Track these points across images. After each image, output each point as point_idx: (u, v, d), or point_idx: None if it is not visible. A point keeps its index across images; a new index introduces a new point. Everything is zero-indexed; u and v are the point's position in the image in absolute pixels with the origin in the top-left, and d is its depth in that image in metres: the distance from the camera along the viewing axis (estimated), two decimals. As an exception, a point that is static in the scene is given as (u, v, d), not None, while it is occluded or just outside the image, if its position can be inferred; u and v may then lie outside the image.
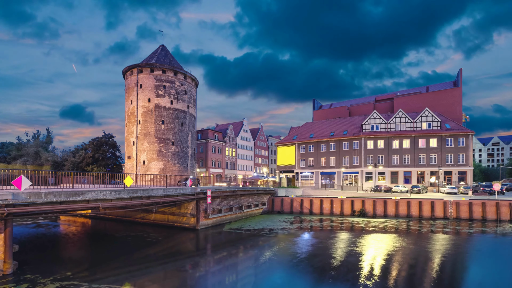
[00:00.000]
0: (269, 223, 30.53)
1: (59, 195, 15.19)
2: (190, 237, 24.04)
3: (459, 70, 54.13)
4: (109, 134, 55.87)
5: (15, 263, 14.29)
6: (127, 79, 43.81)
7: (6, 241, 13.66)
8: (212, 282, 14.30)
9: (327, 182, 56.42)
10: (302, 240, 23.62)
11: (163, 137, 41.55)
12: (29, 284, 12.67)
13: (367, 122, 53.53)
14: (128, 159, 42.73)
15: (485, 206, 31.17)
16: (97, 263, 16.57)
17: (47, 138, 64.32)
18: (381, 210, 34.52)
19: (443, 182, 47.34)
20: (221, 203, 30.09)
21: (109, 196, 18.04)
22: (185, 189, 25.38)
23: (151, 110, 41.21)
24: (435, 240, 22.67)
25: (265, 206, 38.67)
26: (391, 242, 21.92)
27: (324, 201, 37.11)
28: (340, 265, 16.27)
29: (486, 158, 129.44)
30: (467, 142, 47.13)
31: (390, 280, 13.87)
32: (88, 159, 51.60)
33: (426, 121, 50.10)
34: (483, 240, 23.39)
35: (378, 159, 51.48)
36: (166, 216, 28.68)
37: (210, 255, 19.92)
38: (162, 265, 16.44)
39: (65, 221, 32.86)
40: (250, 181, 68.09)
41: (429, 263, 16.85)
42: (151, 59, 43.99)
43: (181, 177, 37.87)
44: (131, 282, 13.59)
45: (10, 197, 13.01)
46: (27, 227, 28.54)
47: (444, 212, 32.32)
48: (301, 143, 60.32)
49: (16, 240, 20.69)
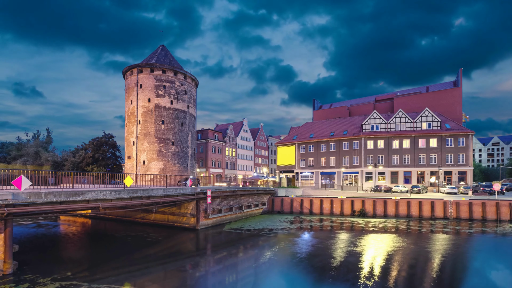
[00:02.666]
0: (269, 223, 30.53)
1: (59, 195, 15.19)
2: (190, 237, 24.04)
3: (459, 70, 54.16)
4: (109, 134, 55.89)
5: (15, 263, 14.28)
6: (127, 79, 43.81)
7: (6, 241, 13.66)
8: (212, 282, 14.30)
9: (327, 182, 56.41)
10: (302, 240, 23.62)
11: (163, 137, 41.55)
12: (29, 284, 12.66)
13: (367, 122, 53.52)
14: (128, 159, 42.73)
15: (485, 206, 31.16)
16: (97, 263, 16.57)
17: (47, 138, 64.29)
18: (381, 210, 34.51)
19: (443, 182, 47.33)
20: (221, 203, 30.08)
21: (109, 196, 18.04)
22: (185, 189, 25.38)
23: (151, 110, 41.22)
24: (435, 240, 22.67)
25: (265, 206, 38.66)
26: (391, 242, 21.92)
27: (324, 201, 37.11)
28: (340, 265, 16.27)
29: (486, 158, 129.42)
30: (467, 142, 47.13)
31: (390, 280, 13.87)
32: (88, 159, 51.60)
33: (426, 121, 50.09)
34: (483, 240, 23.39)
35: (378, 159, 51.47)
36: (166, 216, 28.68)
37: (210, 255, 19.92)
38: (162, 265, 16.44)
39: (65, 221, 32.85)
40: (250, 181, 68.09)
41: (429, 263, 16.85)
42: (151, 59, 43.99)
43: (181, 177, 37.86)
44: (131, 282, 13.59)
45: (10, 197, 13.01)
46: (27, 227, 28.54)
47: (444, 212, 32.32)
48: (301, 143, 60.31)
49: (16, 240, 20.68)
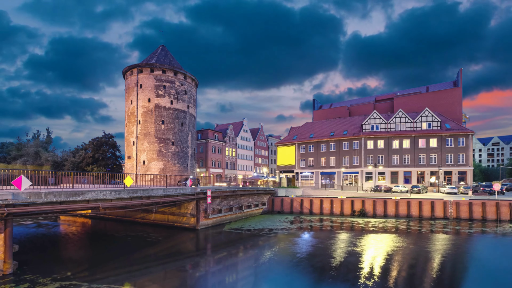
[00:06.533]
0: (269, 223, 30.53)
1: (59, 195, 15.19)
2: (190, 237, 24.04)
3: (459, 70, 54.16)
4: (109, 134, 55.88)
5: (15, 263, 14.28)
6: (127, 79, 43.80)
7: (6, 241, 13.66)
8: (212, 282, 14.29)
9: (327, 182, 56.40)
10: (302, 240, 23.62)
11: (163, 137, 41.55)
12: (29, 284, 12.66)
13: (367, 122, 53.52)
14: (128, 159, 42.73)
15: (485, 206, 31.16)
16: (97, 263, 16.56)
17: (47, 138, 64.33)
18: (381, 210, 34.51)
19: (443, 182, 47.32)
20: (221, 203, 30.08)
21: (109, 196, 18.04)
22: (185, 189, 25.37)
23: (151, 110, 41.21)
24: (435, 240, 22.66)
25: (265, 206, 38.66)
26: (391, 242, 21.92)
27: (324, 201, 37.11)
28: (340, 265, 16.27)
29: (486, 158, 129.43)
30: (467, 142, 47.13)
31: (390, 280, 13.87)
32: (88, 159, 51.58)
33: (426, 121, 50.09)
34: (483, 240, 23.39)
35: (378, 159, 51.47)
36: (166, 216, 28.67)
37: (210, 255, 19.92)
38: (162, 265, 16.44)
39: (65, 221, 32.85)
40: (250, 181, 68.10)
41: (429, 263, 16.85)
42: (151, 59, 43.98)
43: (181, 177, 37.86)
44: (131, 282, 13.59)
45: (10, 197, 13.01)
46: (27, 227, 28.54)
47: (444, 212, 32.31)
48: (301, 143, 60.30)
49: (16, 240, 20.68)
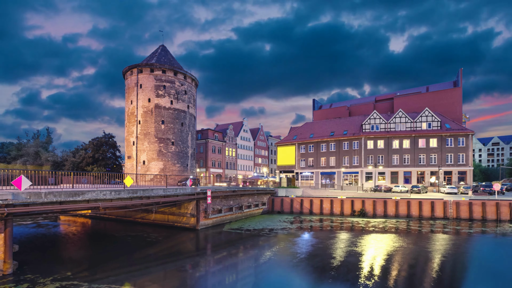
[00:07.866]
0: (269, 223, 30.53)
1: (59, 195, 15.19)
2: (190, 237, 24.04)
3: (459, 70, 54.15)
4: (109, 134, 55.88)
5: (15, 263, 14.29)
6: (127, 79, 43.81)
7: (6, 241, 13.66)
8: (212, 282, 14.29)
9: (327, 182, 56.40)
10: (302, 240, 23.62)
11: (163, 137, 41.56)
12: (29, 284, 12.66)
13: (367, 122, 53.51)
14: (128, 159, 42.74)
15: (485, 206, 31.16)
16: (97, 263, 16.56)
17: (47, 138, 64.36)
18: (381, 210, 34.51)
19: (443, 182, 47.32)
20: (221, 203, 30.08)
21: (109, 196, 18.04)
22: (185, 189, 25.37)
23: (151, 110, 41.22)
24: (435, 240, 22.66)
25: (265, 206, 38.66)
26: (391, 242, 21.92)
27: (324, 201, 37.10)
28: (340, 265, 16.27)
29: (486, 158, 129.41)
30: (467, 142, 47.12)
31: (390, 280, 13.87)
32: (88, 159, 51.57)
33: (426, 121, 50.08)
34: (483, 240, 23.39)
35: (378, 159, 51.47)
36: (166, 216, 28.68)
37: (210, 255, 19.92)
38: (162, 265, 16.43)
39: (65, 221, 32.85)
40: (250, 181, 68.09)
41: (429, 263, 16.85)
42: (151, 59, 43.99)
43: (181, 177, 37.86)
44: (131, 282, 13.59)
45: (10, 197, 13.01)
46: (27, 227, 28.54)
47: (444, 212, 32.31)
48: (301, 143, 60.30)
49: (16, 240, 20.70)
